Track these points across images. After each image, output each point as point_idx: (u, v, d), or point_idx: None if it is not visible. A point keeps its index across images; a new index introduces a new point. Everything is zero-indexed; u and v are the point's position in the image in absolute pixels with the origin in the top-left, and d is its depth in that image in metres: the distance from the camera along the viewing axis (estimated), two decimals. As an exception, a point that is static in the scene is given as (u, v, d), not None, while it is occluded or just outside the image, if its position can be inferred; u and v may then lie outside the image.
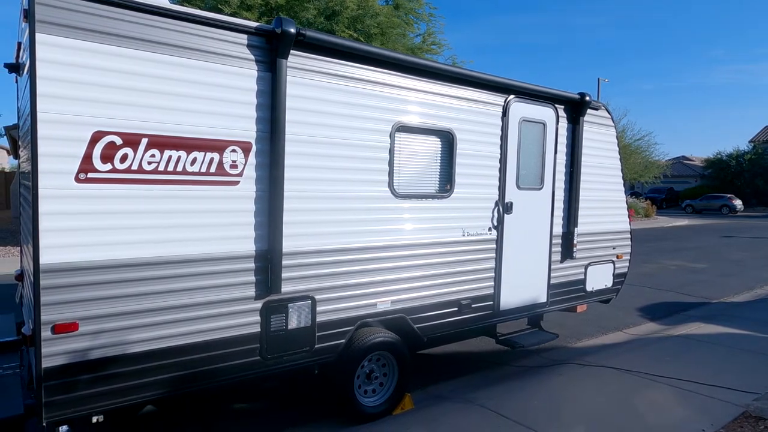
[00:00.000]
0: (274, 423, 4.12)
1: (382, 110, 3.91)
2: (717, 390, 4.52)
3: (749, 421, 3.95)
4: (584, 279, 5.72)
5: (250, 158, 3.31)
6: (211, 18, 3.14)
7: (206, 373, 3.26)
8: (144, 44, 2.90)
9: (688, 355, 5.53)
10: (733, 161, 41.04)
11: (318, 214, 3.63)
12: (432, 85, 4.22)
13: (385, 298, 4.03)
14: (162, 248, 3.03)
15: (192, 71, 3.07)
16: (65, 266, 2.73)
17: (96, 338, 2.85)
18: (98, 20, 2.76)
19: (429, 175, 4.33)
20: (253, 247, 3.37)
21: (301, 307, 3.59)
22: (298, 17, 10.94)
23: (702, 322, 6.96)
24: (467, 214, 4.54)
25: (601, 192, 5.84)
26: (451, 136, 4.36)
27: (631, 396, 4.42)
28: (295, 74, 3.45)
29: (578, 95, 5.29)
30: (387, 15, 12.12)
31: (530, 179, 5.08)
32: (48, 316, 2.70)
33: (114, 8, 2.80)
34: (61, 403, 2.79)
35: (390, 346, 4.08)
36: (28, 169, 2.87)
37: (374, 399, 4.14)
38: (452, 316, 4.51)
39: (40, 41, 2.60)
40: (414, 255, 4.18)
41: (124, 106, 2.85)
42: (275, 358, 3.52)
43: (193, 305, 3.16)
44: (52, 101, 2.64)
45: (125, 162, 2.87)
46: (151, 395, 3.09)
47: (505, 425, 3.85)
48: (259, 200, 3.36)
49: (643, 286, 9.77)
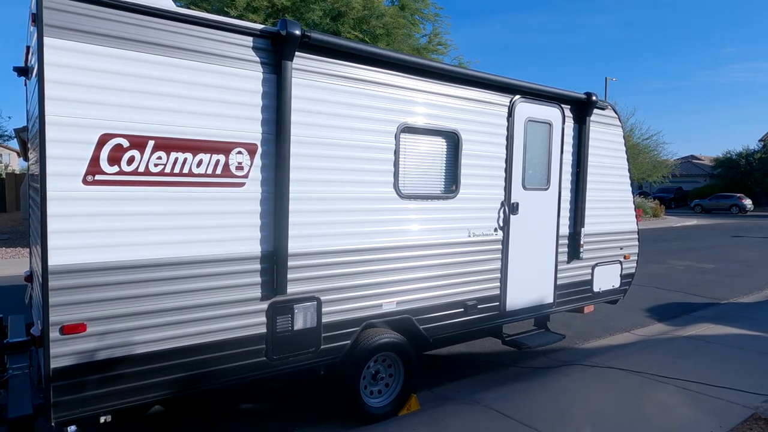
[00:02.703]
0: (280, 423, 4.13)
1: (387, 111, 3.92)
2: (726, 391, 4.47)
3: (759, 423, 3.91)
4: (591, 279, 5.69)
5: (256, 160, 3.33)
6: (217, 21, 3.16)
7: (213, 373, 3.28)
8: (150, 47, 2.93)
9: (697, 356, 5.48)
10: (743, 160, 40.66)
11: (323, 215, 3.64)
12: (437, 85, 4.22)
13: (390, 299, 4.03)
14: (168, 250, 3.05)
15: (197, 74, 3.09)
16: (73, 268, 2.75)
17: (104, 339, 2.88)
18: (106, 24, 2.78)
19: (434, 176, 4.32)
20: (259, 248, 3.38)
21: (306, 308, 3.59)
22: (304, 19, 10.97)
23: (711, 323, 6.90)
24: (473, 214, 4.53)
25: (607, 192, 5.80)
26: (457, 136, 4.35)
27: (639, 397, 4.39)
28: (300, 76, 3.46)
29: (584, 95, 5.27)
30: (392, 15, 12.12)
31: (536, 179, 5.06)
32: (56, 317, 2.73)
33: (121, 11, 2.83)
34: (70, 403, 2.82)
35: (396, 346, 4.08)
36: (37, 171, 2.89)
37: (380, 400, 4.14)
38: (458, 316, 4.50)
39: (48, 45, 2.63)
40: (420, 256, 4.18)
41: (130, 109, 2.88)
42: (281, 359, 3.53)
43: (200, 306, 3.18)
44: (60, 104, 2.67)
45: (132, 164, 2.90)
46: (158, 395, 3.11)
47: (511, 426, 3.84)
48: (264, 202, 3.38)
49: (651, 286, 9.70)
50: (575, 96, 5.23)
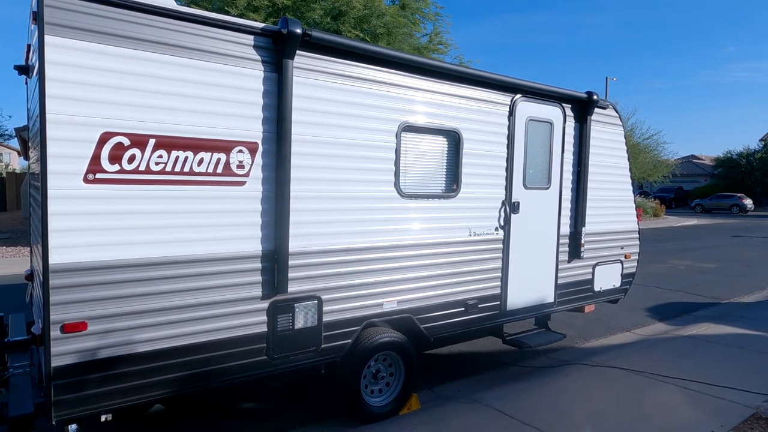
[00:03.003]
0: (281, 422, 4.13)
1: (388, 110, 3.91)
2: (727, 391, 4.47)
3: (760, 422, 3.91)
4: (592, 279, 5.69)
5: (257, 158, 3.32)
6: (218, 19, 3.16)
7: (213, 372, 3.28)
8: (151, 45, 2.92)
9: (698, 356, 5.48)
10: (744, 160, 40.63)
11: (324, 214, 3.64)
12: (438, 84, 4.21)
13: (391, 298, 4.02)
14: (170, 248, 3.04)
15: (198, 72, 3.08)
16: (74, 266, 2.75)
17: (104, 338, 2.87)
18: (106, 22, 2.78)
19: (435, 175, 4.32)
20: (259, 247, 3.38)
21: (307, 306, 3.59)
22: (305, 18, 10.96)
23: (711, 323, 6.90)
24: (474, 213, 4.53)
25: (608, 191, 5.80)
26: (458, 135, 4.35)
27: (639, 397, 4.38)
28: (301, 74, 3.46)
29: (585, 94, 5.26)
30: (393, 15, 12.11)
31: (537, 179, 5.06)
32: (57, 316, 2.73)
33: (122, 10, 2.82)
34: (70, 401, 2.82)
35: (396, 346, 4.07)
36: (38, 170, 2.89)
37: (381, 399, 4.14)
38: (459, 316, 4.50)
39: (48, 43, 2.63)
40: (420, 255, 4.17)
41: (131, 107, 2.87)
42: (282, 358, 3.53)
43: (201, 305, 3.18)
44: (60, 103, 2.66)
45: (133, 163, 2.89)
46: (159, 394, 3.11)
47: (512, 426, 3.84)
48: (265, 200, 3.38)
49: (652, 286, 9.70)
50: (576, 95, 5.23)
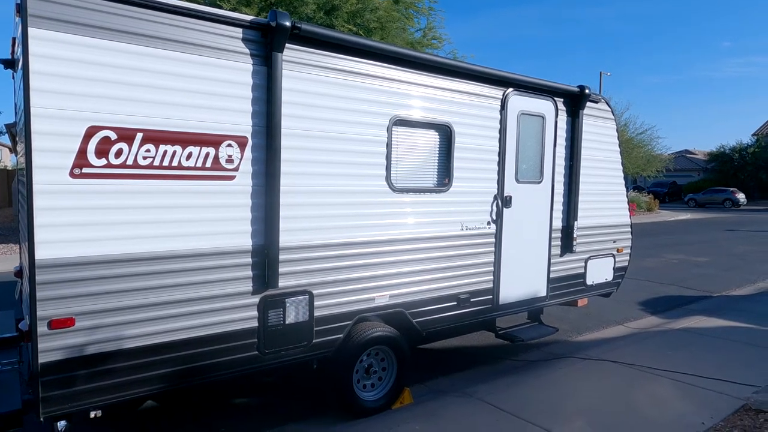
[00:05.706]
0: (273, 417, 4.12)
1: (379, 104, 3.89)
2: (717, 383, 4.50)
3: (749, 413, 3.94)
4: (584, 273, 5.70)
5: (246, 153, 3.30)
6: (206, 11, 3.13)
7: (204, 368, 3.26)
8: (138, 38, 2.89)
9: (690, 349, 5.51)
10: (737, 154, 40.87)
11: (315, 208, 3.62)
12: (429, 78, 4.19)
13: (383, 293, 4.02)
14: (158, 243, 3.02)
15: (187, 65, 3.05)
16: (61, 262, 2.72)
17: (92, 333, 2.85)
18: (91, 14, 2.74)
19: (427, 169, 4.31)
20: (250, 241, 3.36)
21: (298, 301, 3.58)
22: (298, 12, 10.89)
23: (704, 316, 6.94)
24: (466, 208, 4.52)
25: (601, 185, 5.81)
26: (449, 129, 4.33)
27: (631, 389, 4.40)
28: (290, 68, 3.43)
29: (577, 88, 5.26)
30: (386, 9, 12.06)
31: (529, 173, 5.06)
32: (44, 312, 2.70)
33: (107, 2, 2.79)
34: (59, 398, 2.80)
35: (388, 340, 4.07)
36: (24, 164, 2.86)
37: (373, 393, 4.13)
38: (451, 310, 4.50)
39: (32, 36, 2.59)
40: (412, 249, 4.16)
41: (118, 101, 2.84)
42: (273, 353, 3.52)
43: (190, 300, 3.16)
44: (45, 96, 2.63)
45: (120, 157, 2.86)
46: (149, 390, 3.10)
47: (504, 419, 3.85)
48: (255, 195, 3.35)
49: (644, 279, 9.75)
50: (568, 89, 5.22)
